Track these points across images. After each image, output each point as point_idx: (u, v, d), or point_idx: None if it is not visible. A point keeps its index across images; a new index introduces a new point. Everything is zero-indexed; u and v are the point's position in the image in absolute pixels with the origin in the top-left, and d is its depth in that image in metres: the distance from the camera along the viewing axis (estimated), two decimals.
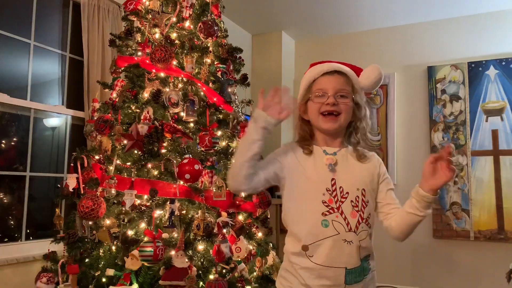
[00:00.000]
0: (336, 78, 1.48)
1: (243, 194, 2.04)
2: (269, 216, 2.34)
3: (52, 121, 3.15)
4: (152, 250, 1.73)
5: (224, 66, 2.37)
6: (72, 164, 2.35)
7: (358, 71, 1.56)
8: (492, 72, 4.23)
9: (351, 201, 1.41)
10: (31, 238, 2.89)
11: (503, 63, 4.18)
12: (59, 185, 2.81)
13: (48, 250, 2.27)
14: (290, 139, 1.61)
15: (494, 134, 4.18)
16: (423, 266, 4.37)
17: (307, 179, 1.43)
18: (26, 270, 2.67)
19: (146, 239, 1.82)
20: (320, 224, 1.37)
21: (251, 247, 2.23)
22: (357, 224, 1.39)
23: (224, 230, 2.03)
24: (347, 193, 1.41)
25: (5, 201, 2.82)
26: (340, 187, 1.41)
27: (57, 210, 2.33)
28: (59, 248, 2.21)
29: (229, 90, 2.38)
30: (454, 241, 4.24)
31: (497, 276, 4.03)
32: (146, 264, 1.78)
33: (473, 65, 4.29)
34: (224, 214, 2.02)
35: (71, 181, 2.29)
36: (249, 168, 1.39)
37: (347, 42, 4.98)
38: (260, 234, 2.35)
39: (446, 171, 1.36)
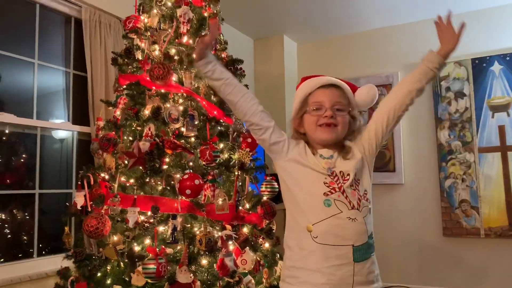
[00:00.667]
0: (332, 91, 1.51)
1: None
2: (274, 228, 2.36)
3: (60, 133, 3.20)
4: (155, 267, 1.76)
5: None
6: (79, 182, 2.38)
7: (353, 87, 1.60)
8: (496, 67, 4.20)
9: (351, 185, 1.44)
10: (44, 252, 2.94)
11: (507, 58, 4.15)
12: (67, 204, 2.85)
13: (61, 266, 2.32)
14: None
15: (501, 130, 4.16)
16: (433, 264, 4.35)
17: (308, 167, 1.47)
18: (39, 287, 2.72)
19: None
20: (322, 204, 1.41)
21: (258, 258, 2.25)
22: (358, 202, 1.43)
23: (230, 242, 2.06)
24: (348, 175, 1.45)
25: (18, 217, 2.87)
26: (341, 171, 1.45)
27: (66, 228, 2.36)
28: (72, 264, 2.26)
29: None
30: (465, 239, 4.22)
31: (509, 274, 4.01)
32: (149, 281, 1.82)
33: (477, 61, 4.26)
34: (228, 227, 2.04)
35: (79, 199, 2.32)
36: (225, 88, 1.50)
37: (350, 43, 4.98)
38: (267, 245, 2.37)
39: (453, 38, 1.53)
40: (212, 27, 1.53)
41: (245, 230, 2.14)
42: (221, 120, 2.27)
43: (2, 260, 2.71)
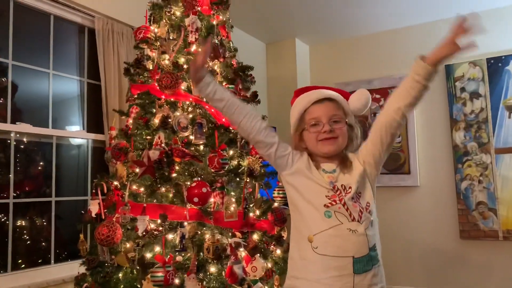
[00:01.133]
0: (326, 105, 1.53)
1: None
2: (285, 234, 2.36)
3: (77, 139, 3.27)
4: (163, 275, 1.79)
5: (232, 86, 2.41)
6: (94, 191, 2.43)
7: (346, 95, 1.62)
8: None
9: (352, 198, 1.45)
10: (61, 258, 2.99)
11: None
12: (83, 211, 2.90)
13: (78, 272, 2.37)
14: None
15: None
16: (450, 268, 4.30)
17: (312, 180, 1.49)
18: None
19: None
20: (323, 215, 1.42)
21: (269, 265, 2.26)
22: (360, 213, 1.43)
23: (241, 249, 2.07)
24: (350, 187, 1.46)
25: (36, 224, 2.93)
26: (342, 185, 1.47)
27: (81, 235, 2.41)
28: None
29: None
30: (482, 241, 4.15)
31: None
32: None
33: (492, 61, 4.20)
34: (238, 234, 2.06)
35: (94, 207, 2.37)
36: (228, 109, 1.50)
37: (362, 44, 4.96)
38: (278, 252, 2.38)
39: (451, 46, 1.45)
40: (205, 46, 1.53)
41: (255, 237, 2.15)
42: (230, 128, 2.29)
43: (23, 266, 2.78)
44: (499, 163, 4.12)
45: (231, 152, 2.32)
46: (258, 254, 2.10)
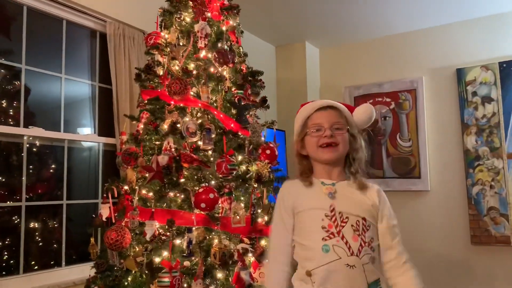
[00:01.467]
0: (329, 112, 1.57)
1: None
2: None
3: (89, 144, 3.31)
4: (169, 280, 1.81)
5: (241, 91, 2.42)
6: (105, 195, 2.45)
7: (350, 108, 1.64)
8: None
9: (352, 225, 1.44)
10: (72, 260, 3.03)
11: None
12: (93, 215, 2.93)
13: (89, 275, 2.39)
14: None
15: None
16: (461, 273, 4.25)
17: (306, 209, 1.49)
18: None
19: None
20: (321, 250, 1.41)
21: None
22: (360, 248, 1.42)
23: (250, 255, 2.08)
24: (347, 217, 1.45)
25: (48, 227, 2.97)
26: (340, 212, 1.45)
27: (91, 239, 2.43)
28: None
29: (248, 115, 2.43)
30: (494, 247, 4.11)
31: None
32: None
33: (504, 65, 4.15)
34: (246, 240, 2.06)
35: (104, 211, 2.39)
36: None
37: (373, 48, 4.94)
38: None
39: None
40: None
41: (263, 243, 2.15)
42: (239, 133, 2.30)
43: (36, 267, 2.82)
44: (511, 168, 4.07)
45: (239, 158, 2.33)
46: (266, 260, 2.10)
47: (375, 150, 4.68)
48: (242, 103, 2.35)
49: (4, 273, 2.65)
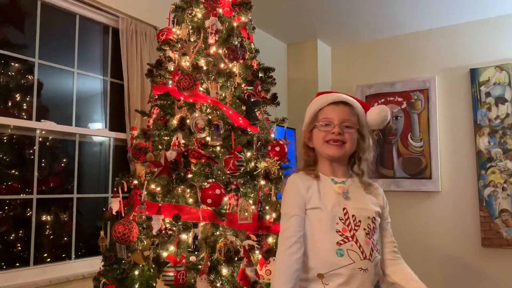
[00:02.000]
0: (341, 108, 1.53)
1: None
2: None
3: (100, 138, 3.34)
4: (173, 275, 1.82)
5: (251, 88, 2.42)
6: (115, 189, 2.48)
7: (365, 106, 1.62)
8: None
9: (364, 228, 1.44)
10: (81, 254, 3.06)
11: None
12: (104, 208, 2.96)
13: (100, 268, 2.41)
14: None
15: None
16: (471, 276, 4.21)
17: (318, 210, 1.46)
18: None
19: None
20: (335, 254, 1.40)
21: None
22: (371, 252, 1.42)
23: (257, 252, 2.07)
24: (360, 221, 1.44)
25: (59, 220, 3.00)
26: (353, 216, 1.44)
27: (101, 232, 2.45)
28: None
29: (258, 111, 2.43)
30: (505, 250, 4.05)
31: None
32: None
33: None
34: (253, 237, 2.06)
35: (115, 205, 2.41)
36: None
37: (385, 46, 4.90)
38: None
39: None
40: None
41: (270, 240, 2.15)
42: (248, 129, 2.29)
43: (48, 260, 2.85)
44: None
45: (248, 154, 2.33)
46: (273, 258, 2.10)
47: (386, 149, 4.65)
48: (252, 100, 2.34)
49: (17, 264, 2.69)
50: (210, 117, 2.25)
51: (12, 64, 2.78)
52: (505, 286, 4.03)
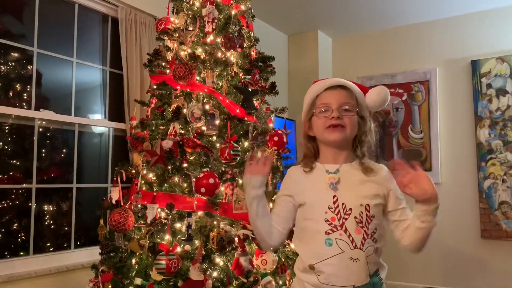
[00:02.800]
0: (339, 92, 1.49)
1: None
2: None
3: (99, 128, 3.34)
4: (165, 263, 1.83)
5: (249, 77, 2.40)
6: (115, 178, 2.48)
7: (363, 89, 1.57)
8: None
9: (355, 217, 1.40)
10: (80, 243, 3.08)
11: None
12: (104, 198, 2.96)
13: (101, 257, 2.42)
14: None
15: None
16: (470, 268, 4.22)
17: (308, 200, 1.45)
18: (75, 277, 2.83)
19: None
20: (324, 243, 1.38)
21: (283, 259, 2.25)
22: (363, 241, 1.38)
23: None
24: (350, 209, 1.40)
25: (58, 210, 3.02)
26: (343, 204, 1.41)
27: (100, 221, 2.46)
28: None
29: (256, 100, 2.42)
30: (504, 241, 4.05)
31: None
32: (161, 276, 1.88)
33: None
34: (249, 226, 2.06)
35: (115, 194, 2.42)
36: (263, 225, 1.47)
37: (386, 38, 4.87)
38: (292, 246, 2.35)
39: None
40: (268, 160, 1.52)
41: None
42: (245, 119, 2.29)
43: (51, 249, 2.87)
44: None
45: (246, 144, 2.32)
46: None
47: (386, 141, 4.64)
48: (250, 89, 2.33)
49: (19, 253, 2.71)
50: (207, 106, 2.24)
51: (12, 54, 2.77)
52: (504, 277, 4.04)
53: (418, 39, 4.66)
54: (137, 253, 2.16)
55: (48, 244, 2.89)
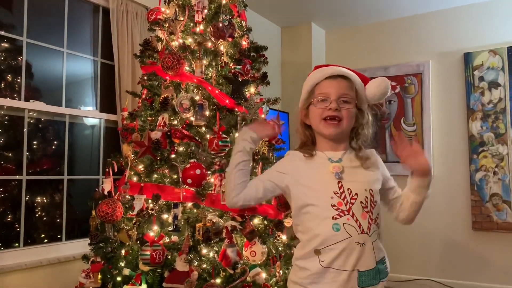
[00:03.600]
0: (339, 82, 1.45)
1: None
2: (288, 223, 2.29)
3: (91, 120, 3.32)
4: (149, 254, 1.82)
5: (239, 67, 2.38)
6: (107, 169, 2.47)
7: (364, 79, 1.53)
8: None
9: (361, 202, 1.39)
10: (72, 235, 3.06)
11: None
12: (96, 189, 2.95)
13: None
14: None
15: None
16: (461, 259, 4.24)
17: (312, 185, 1.43)
18: (66, 269, 2.82)
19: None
20: (331, 229, 1.36)
21: (273, 251, 2.24)
22: (369, 225, 1.38)
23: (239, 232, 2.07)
24: (356, 194, 1.39)
25: (49, 202, 3.00)
26: (348, 189, 1.39)
27: (92, 212, 2.45)
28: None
29: (247, 91, 2.41)
30: (495, 233, 4.08)
31: None
32: (146, 267, 1.88)
33: None
34: (238, 218, 2.05)
35: (107, 185, 2.41)
36: (236, 178, 1.46)
37: (379, 30, 4.86)
38: (284, 238, 2.36)
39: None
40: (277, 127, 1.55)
41: (256, 221, 2.14)
42: (235, 109, 2.27)
43: (45, 240, 2.85)
44: None
45: (236, 135, 2.31)
46: (258, 239, 2.09)
47: (378, 134, 4.64)
48: (240, 79, 2.31)
49: (16, 245, 2.69)
50: (197, 97, 2.22)
51: (1, 44, 2.74)
52: (495, 269, 4.07)
53: (411, 32, 4.65)
54: (127, 244, 2.16)
55: (42, 236, 2.88)
